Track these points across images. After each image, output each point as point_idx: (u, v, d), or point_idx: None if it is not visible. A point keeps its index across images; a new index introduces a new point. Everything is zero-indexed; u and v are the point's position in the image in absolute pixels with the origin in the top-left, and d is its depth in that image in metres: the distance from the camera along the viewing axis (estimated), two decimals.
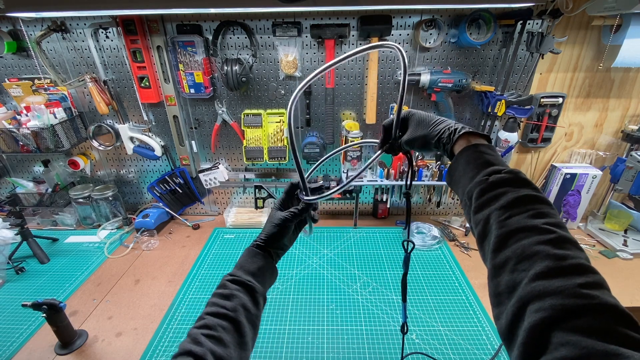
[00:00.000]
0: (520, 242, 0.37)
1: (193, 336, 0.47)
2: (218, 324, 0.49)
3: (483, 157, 0.47)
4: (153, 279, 1.15)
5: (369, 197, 1.50)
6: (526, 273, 0.35)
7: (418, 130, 0.55)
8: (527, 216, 0.38)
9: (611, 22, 1.07)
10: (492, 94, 1.17)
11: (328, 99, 1.24)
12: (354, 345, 0.89)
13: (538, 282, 0.33)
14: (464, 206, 0.48)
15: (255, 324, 0.54)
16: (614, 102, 1.25)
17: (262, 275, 0.58)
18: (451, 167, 0.51)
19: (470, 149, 0.48)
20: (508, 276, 0.37)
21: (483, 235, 0.42)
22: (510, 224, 0.39)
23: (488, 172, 0.44)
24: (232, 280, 0.55)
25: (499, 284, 0.38)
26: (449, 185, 0.54)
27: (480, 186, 0.44)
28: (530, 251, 0.35)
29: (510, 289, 0.36)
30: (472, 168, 0.47)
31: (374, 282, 1.11)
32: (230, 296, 0.52)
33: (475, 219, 0.44)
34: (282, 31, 1.13)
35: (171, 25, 1.16)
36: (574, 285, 0.31)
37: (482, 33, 1.12)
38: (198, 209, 1.56)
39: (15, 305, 1.04)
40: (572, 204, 1.32)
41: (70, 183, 1.46)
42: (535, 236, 0.36)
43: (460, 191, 0.49)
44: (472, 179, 0.46)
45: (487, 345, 0.88)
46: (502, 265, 0.38)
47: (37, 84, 1.24)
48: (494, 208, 0.41)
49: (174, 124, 1.31)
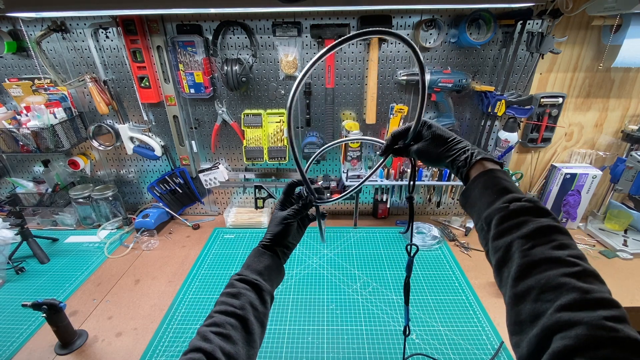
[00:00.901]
0: (545, 273, 0.37)
1: (202, 334, 0.48)
2: (226, 321, 0.50)
3: (501, 184, 0.48)
4: (153, 279, 1.15)
5: (369, 197, 1.50)
6: (551, 304, 0.35)
7: (433, 145, 0.56)
8: (550, 247, 0.39)
9: (611, 22, 1.07)
10: (492, 94, 1.17)
11: (328, 99, 1.24)
12: (354, 345, 0.89)
13: (564, 312, 0.34)
14: (480, 230, 0.49)
15: (263, 322, 0.55)
16: (614, 102, 1.25)
17: (269, 274, 0.59)
18: (467, 190, 0.52)
19: (487, 174, 0.49)
20: (531, 305, 0.37)
21: (502, 262, 0.43)
22: (534, 254, 0.39)
23: (508, 199, 0.45)
24: (240, 280, 0.56)
25: (520, 312, 0.38)
26: (463, 207, 0.55)
27: (500, 213, 0.44)
28: (555, 282, 0.36)
29: (533, 318, 0.36)
30: (490, 193, 0.48)
31: (374, 282, 1.11)
32: (238, 294, 0.53)
33: (495, 245, 0.44)
34: (282, 31, 1.13)
35: (171, 25, 1.16)
36: (599, 317, 0.32)
37: (482, 33, 1.12)
38: (198, 209, 1.56)
39: (15, 305, 1.04)
40: (572, 204, 1.32)
41: (70, 183, 1.46)
42: (560, 268, 0.37)
43: (476, 215, 0.50)
44: (490, 204, 0.47)
45: (487, 345, 0.88)
46: (525, 295, 0.38)
47: (37, 84, 1.24)
48: (516, 236, 0.42)
49: (174, 124, 1.31)
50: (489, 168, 0.50)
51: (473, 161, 0.51)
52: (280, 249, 0.62)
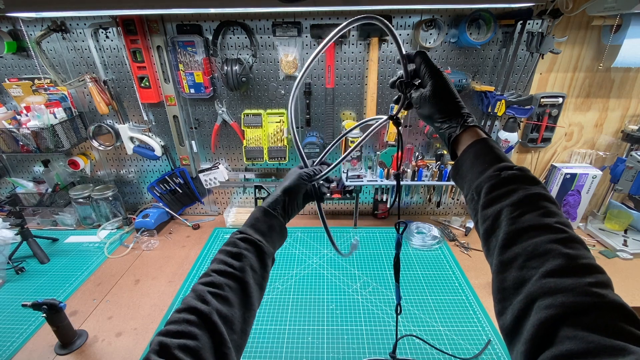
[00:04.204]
0: (531, 240, 0.37)
1: (199, 292, 0.46)
2: (225, 283, 0.47)
3: (494, 152, 0.46)
4: (153, 279, 1.15)
5: (369, 197, 1.50)
6: (536, 270, 0.35)
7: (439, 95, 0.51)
8: (539, 214, 0.39)
9: (611, 22, 1.07)
10: (492, 94, 1.17)
11: (328, 99, 1.24)
12: (354, 345, 0.89)
13: (549, 279, 0.33)
14: (470, 200, 0.48)
15: (262, 285, 0.53)
16: (614, 102, 1.25)
17: (271, 235, 0.57)
18: (459, 160, 0.50)
19: (481, 142, 0.48)
20: (516, 272, 0.37)
21: (491, 231, 0.42)
22: (522, 221, 0.39)
23: (500, 167, 0.44)
24: (242, 239, 0.53)
25: (505, 279, 0.38)
26: (453, 179, 0.53)
27: (491, 181, 0.44)
28: (542, 249, 0.36)
29: (518, 285, 0.36)
30: (481, 162, 0.46)
31: (374, 282, 1.11)
32: (239, 255, 0.51)
33: (484, 214, 0.43)
34: (282, 31, 1.13)
35: (171, 25, 1.16)
36: (585, 284, 0.32)
37: (482, 33, 1.12)
38: (198, 209, 1.56)
39: (15, 305, 1.04)
40: (572, 204, 1.32)
41: (70, 183, 1.46)
42: (547, 235, 0.37)
43: (467, 185, 0.48)
44: (481, 173, 0.45)
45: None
46: (511, 262, 0.38)
47: (37, 84, 1.24)
48: (505, 204, 0.41)
49: (174, 124, 1.31)
50: (482, 137, 0.49)
51: (464, 128, 0.50)
52: (282, 213, 0.59)
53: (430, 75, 0.53)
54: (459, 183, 0.52)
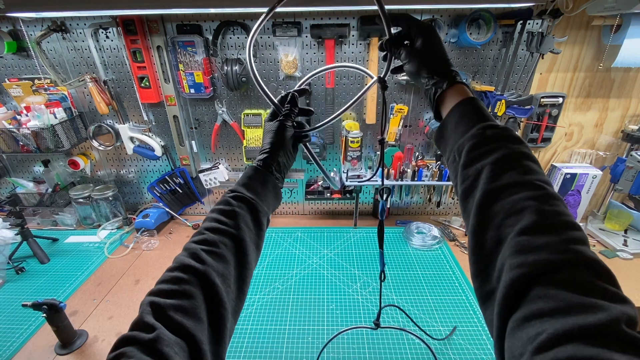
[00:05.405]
0: (510, 198, 0.36)
1: (192, 250, 0.42)
2: (220, 240, 0.44)
3: (480, 112, 0.44)
4: (153, 279, 1.15)
5: (369, 197, 1.50)
6: (512, 228, 0.34)
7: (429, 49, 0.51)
8: (520, 172, 0.37)
9: (611, 22, 1.07)
10: (492, 94, 1.17)
11: (328, 99, 1.24)
12: (354, 345, 0.89)
13: (523, 237, 0.32)
14: (452, 162, 0.46)
15: (258, 244, 0.50)
16: (614, 102, 1.25)
17: (265, 194, 0.54)
18: (444, 121, 0.48)
19: (467, 102, 0.46)
20: (494, 231, 0.35)
21: (469, 190, 0.40)
22: (502, 178, 0.37)
23: (483, 126, 0.42)
24: (234, 197, 0.50)
25: (482, 239, 0.36)
26: (436, 143, 0.51)
27: (473, 140, 0.42)
28: (519, 206, 0.34)
29: (495, 244, 0.35)
30: (466, 122, 0.44)
31: (374, 282, 1.11)
32: (232, 212, 0.48)
33: (465, 174, 0.41)
34: (282, 31, 1.13)
35: (171, 25, 1.16)
36: (559, 241, 0.31)
37: (482, 33, 1.12)
38: (198, 209, 1.56)
39: (15, 305, 1.04)
40: (572, 204, 1.32)
41: (70, 183, 1.46)
42: (525, 192, 0.35)
43: (450, 147, 0.46)
44: (464, 133, 0.43)
45: (487, 345, 0.88)
46: (489, 221, 0.36)
47: (37, 84, 1.24)
48: (486, 162, 0.39)
49: (174, 124, 1.31)
50: (469, 96, 0.46)
51: (454, 82, 0.48)
52: (276, 170, 0.57)
53: (421, 30, 0.52)
54: (442, 145, 0.50)
